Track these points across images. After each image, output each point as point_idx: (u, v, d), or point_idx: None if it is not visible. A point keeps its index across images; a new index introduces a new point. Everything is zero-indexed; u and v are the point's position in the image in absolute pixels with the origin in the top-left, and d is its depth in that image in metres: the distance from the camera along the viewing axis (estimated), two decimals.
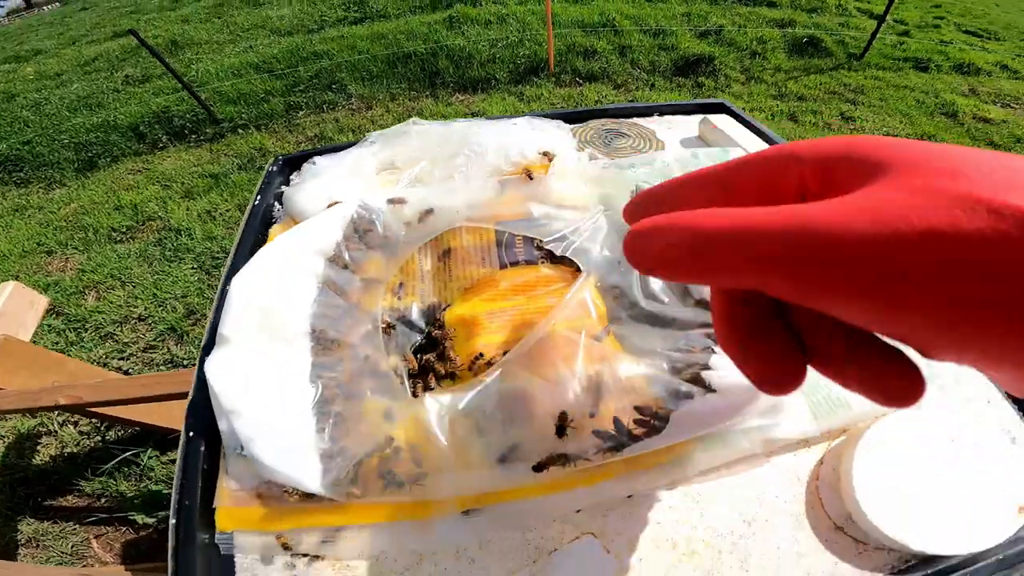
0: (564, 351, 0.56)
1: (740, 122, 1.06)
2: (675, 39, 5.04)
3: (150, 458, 1.88)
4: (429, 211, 0.70)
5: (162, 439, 1.91)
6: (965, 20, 7.99)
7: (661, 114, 1.16)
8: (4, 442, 2.01)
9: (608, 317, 0.66)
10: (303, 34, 5.58)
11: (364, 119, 4.24)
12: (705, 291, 0.68)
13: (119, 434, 2.00)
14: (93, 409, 1.56)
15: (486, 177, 0.78)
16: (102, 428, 2.02)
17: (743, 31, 5.27)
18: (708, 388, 0.53)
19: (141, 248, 3.01)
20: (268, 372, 0.56)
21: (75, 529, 1.75)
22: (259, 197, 0.89)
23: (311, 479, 0.49)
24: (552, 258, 0.72)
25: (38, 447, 1.99)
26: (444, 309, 0.67)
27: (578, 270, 0.71)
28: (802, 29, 5.52)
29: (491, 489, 0.50)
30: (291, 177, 0.99)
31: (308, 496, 0.50)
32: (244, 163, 3.79)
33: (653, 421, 0.52)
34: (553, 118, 1.01)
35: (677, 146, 1.05)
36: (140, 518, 1.75)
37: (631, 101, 4.45)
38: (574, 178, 0.81)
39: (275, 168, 0.97)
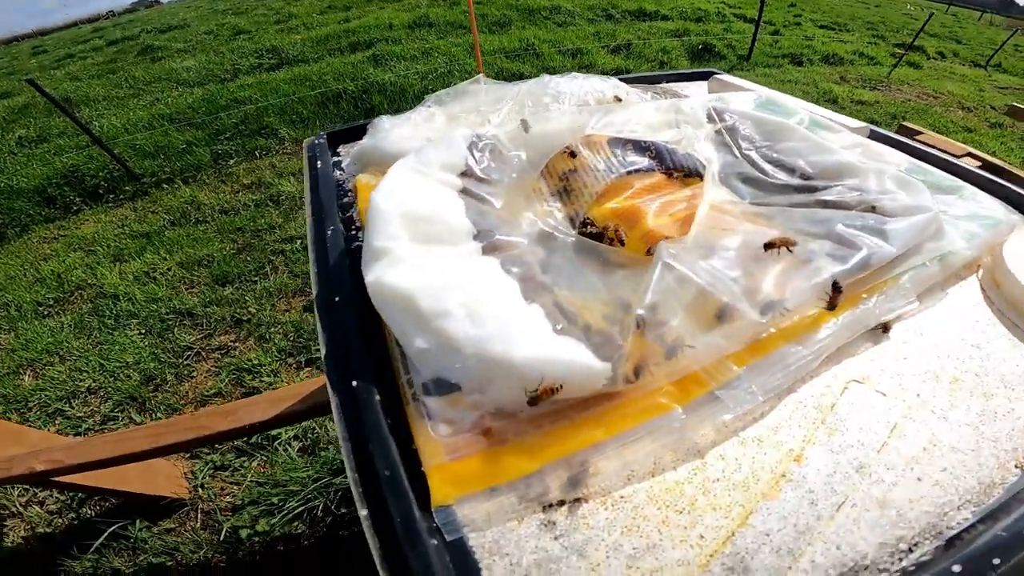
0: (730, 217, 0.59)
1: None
2: (591, 56, 5.40)
3: (141, 530, 1.65)
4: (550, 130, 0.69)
5: (148, 507, 1.69)
6: (818, 16, 9.30)
7: (667, 81, 1.30)
8: None
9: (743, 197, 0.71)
10: (216, 83, 5.35)
11: (301, 161, 4.06)
12: (807, 165, 0.74)
13: (97, 508, 1.74)
14: (68, 479, 1.34)
15: (579, 107, 0.79)
16: (74, 504, 1.74)
17: (648, 44, 5.75)
18: (887, 214, 0.58)
19: (75, 319, 2.68)
20: (450, 272, 0.51)
21: None
22: (319, 163, 0.87)
23: (589, 358, 0.43)
24: (661, 165, 0.74)
25: (3, 530, 1.70)
26: (582, 212, 0.66)
27: (683, 177, 0.73)
28: (696, 37, 6.11)
29: (754, 336, 0.48)
30: (339, 149, 0.98)
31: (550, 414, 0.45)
32: (177, 218, 3.50)
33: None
34: None
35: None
36: None
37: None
38: (650, 109, 0.85)
39: (320, 141, 0.96)
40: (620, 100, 0.89)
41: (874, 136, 0.98)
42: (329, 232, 0.68)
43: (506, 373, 0.43)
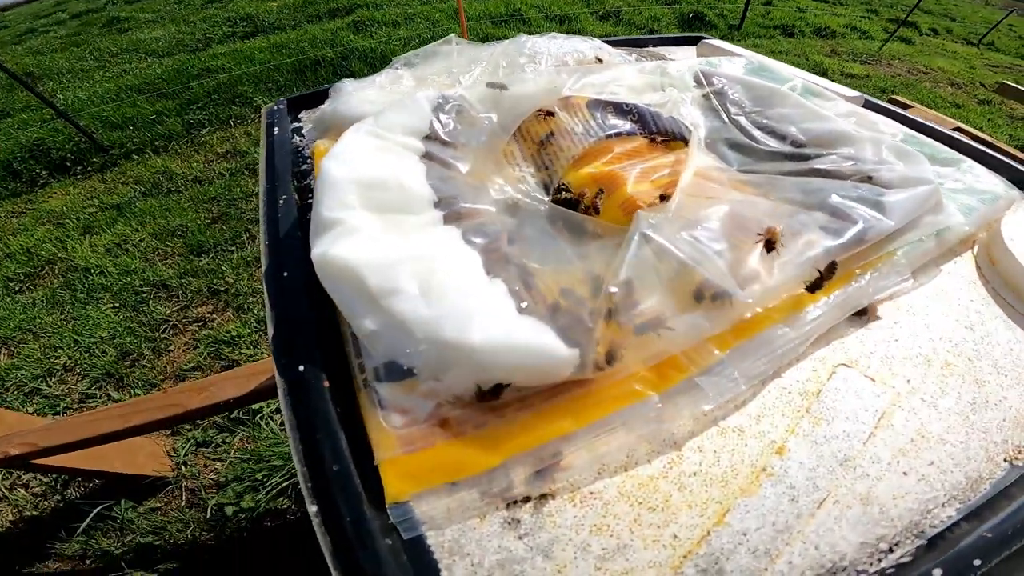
0: (715, 185, 0.55)
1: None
2: (580, 23, 5.24)
3: (126, 510, 1.63)
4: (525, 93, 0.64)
5: (132, 486, 1.67)
6: None
7: (655, 45, 1.22)
8: None
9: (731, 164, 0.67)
10: (187, 53, 5.12)
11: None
12: (799, 132, 0.70)
13: (82, 488, 1.72)
14: (47, 462, 1.31)
15: (557, 68, 0.73)
16: (58, 485, 1.72)
17: (638, 11, 5.58)
18: (884, 185, 0.54)
19: (47, 295, 2.59)
20: (404, 244, 0.46)
21: None
22: (276, 130, 0.80)
23: (555, 343, 0.39)
24: (643, 129, 0.69)
25: None
26: (557, 178, 0.61)
27: (667, 142, 0.68)
28: (687, 5, 5.95)
29: (739, 317, 0.44)
30: (301, 115, 0.91)
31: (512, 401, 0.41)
32: (149, 189, 3.39)
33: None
34: None
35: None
36: (139, 575, 1.52)
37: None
38: (633, 71, 0.79)
39: (280, 108, 0.89)
40: (601, 61, 0.83)
41: (868, 106, 0.93)
42: (281, 202, 0.62)
43: (463, 359, 0.39)
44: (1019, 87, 3.14)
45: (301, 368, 0.44)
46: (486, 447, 0.39)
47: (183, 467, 1.74)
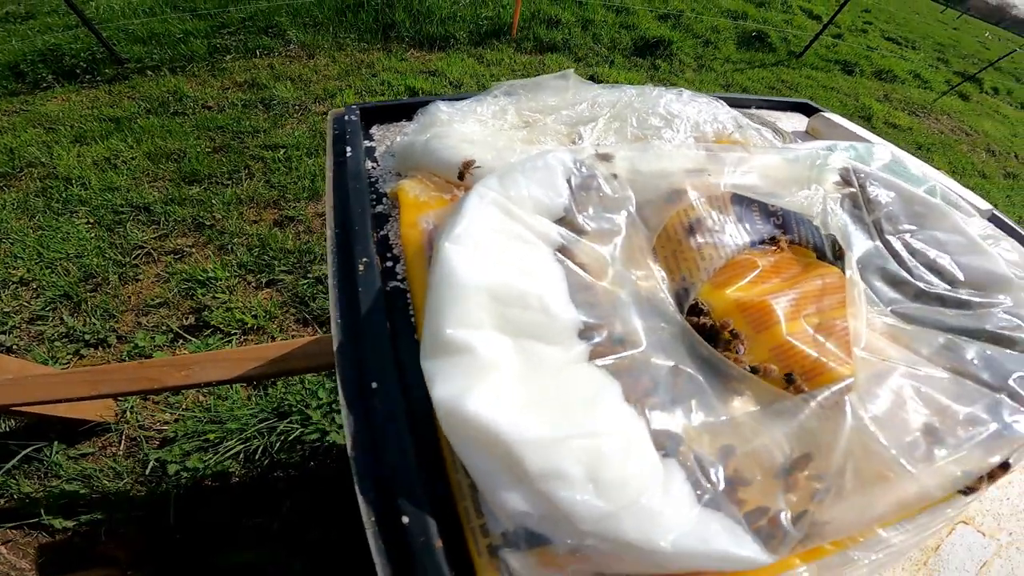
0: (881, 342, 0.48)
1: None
2: (636, 19, 4.99)
3: (56, 453, 1.52)
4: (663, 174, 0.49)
5: (66, 430, 1.55)
6: (889, 27, 8.72)
7: (757, 107, 1.08)
8: None
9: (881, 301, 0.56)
10: None
11: (305, 67, 3.73)
12: (956, 267, 0.60)
13: (12, 423, 1.59)
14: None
15: (693, 143, 0.59)
16: None
17: (700, 19, 5.33)
18: None
19: (19, 198, 2.39)
20: (562, 404, 0.36)
21: None
22: (349, 150, 0.64)
23: (753, 551, 0.33)
24: (785, 235, 0.58)
25: None
26: (693, 291, 0.49)
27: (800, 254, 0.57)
28: (752, 23, 5.68)
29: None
30: (372, 130, 0.75)
31: None
32: (155, 107, 3.18)
33: None
34: None
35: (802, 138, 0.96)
36: (57, 522, 1.42)
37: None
38: (779, 160, 0.63)
39: (353, 118, 0.73)
40: (738, 139, 0.67)
41: (995, 221, 0.83)
42: (361, 268, 0.48)
43: (645, 560, 0.32)
44: None
45: (405, 520, 0.35)
46: None
47: (128, 414, 1.62)
